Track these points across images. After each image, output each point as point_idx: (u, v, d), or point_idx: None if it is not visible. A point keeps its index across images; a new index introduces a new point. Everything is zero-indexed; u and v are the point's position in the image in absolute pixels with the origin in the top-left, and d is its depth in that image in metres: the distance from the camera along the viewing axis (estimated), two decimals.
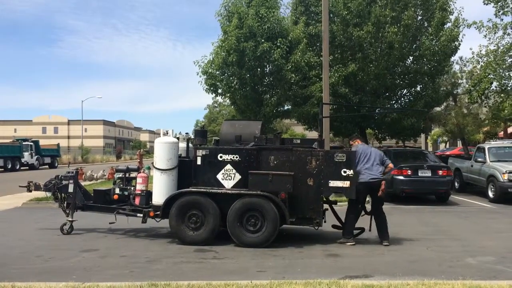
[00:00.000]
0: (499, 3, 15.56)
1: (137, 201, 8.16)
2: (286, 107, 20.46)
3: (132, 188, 8.38)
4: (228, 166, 7.67)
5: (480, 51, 16.76)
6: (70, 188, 8.52)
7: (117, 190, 8.45)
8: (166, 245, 7.62)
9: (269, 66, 17.97)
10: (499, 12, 15.78)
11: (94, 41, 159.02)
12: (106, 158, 56.45)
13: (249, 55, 16.76)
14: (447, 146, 44.21)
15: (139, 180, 8.24)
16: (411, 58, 19.50)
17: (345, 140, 48.42)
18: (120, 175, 8.70)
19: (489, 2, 15.79)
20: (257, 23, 16.74)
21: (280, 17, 17.61)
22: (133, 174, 8.63)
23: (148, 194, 8.14)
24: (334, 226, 8.10)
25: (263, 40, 16.78)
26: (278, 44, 16.75)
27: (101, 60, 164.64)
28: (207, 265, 6.38)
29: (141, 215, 7.94)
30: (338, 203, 8.60)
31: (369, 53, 17.86)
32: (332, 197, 8.67)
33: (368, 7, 17.62)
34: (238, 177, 7.64)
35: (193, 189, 7.67)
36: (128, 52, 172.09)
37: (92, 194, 8.84)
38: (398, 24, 17.29)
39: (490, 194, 13.57)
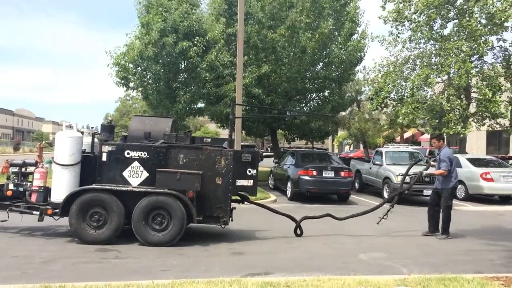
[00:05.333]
0: (396, 23, 17.05)
1: (33, 198, 7.68)
2: (199, 105, 20.37)
3: (29, 184, 7.84)
4: (136, 163, 7.51)
5: (382, 61, 18.16)
6: None
7: (11, 186, 7.86)
8: (64, 245, 7.24)
9: (184, 63, 17.73)
10: (397, 29, 17.27)
11: None
12: (2, 149, 51.70)
13: (168, 51, 16.41)
14: (351, 148, 47.26)
15: (36, 175, 7.75)
16: (321, 64, 20.51)
17: (257, 140, 49.69)
18: (16, 170, 8.11)
19: (389, 21, 17.20)
20: (179, 19, 16.46)
21: (200, 16, 17.44)
22: (30, 169, 8.07)
23: (46, 191, 7.72)
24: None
25: (182, 37, 16.53)
26: (195, 42, 16.62)
27: (1, 42, 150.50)
28: (108, 265, 6.18)
29: (38, 212, 7.47)
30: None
31: (281, 56, 18.41)
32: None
33: (286, 11, 18.17)
34: (145, 174, 7.52)
35: (96, 186, 7.40)
36: (33, 36, 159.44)
37: None
38: (312, 31, 18.07)
39: (385, 194, 14.74)
